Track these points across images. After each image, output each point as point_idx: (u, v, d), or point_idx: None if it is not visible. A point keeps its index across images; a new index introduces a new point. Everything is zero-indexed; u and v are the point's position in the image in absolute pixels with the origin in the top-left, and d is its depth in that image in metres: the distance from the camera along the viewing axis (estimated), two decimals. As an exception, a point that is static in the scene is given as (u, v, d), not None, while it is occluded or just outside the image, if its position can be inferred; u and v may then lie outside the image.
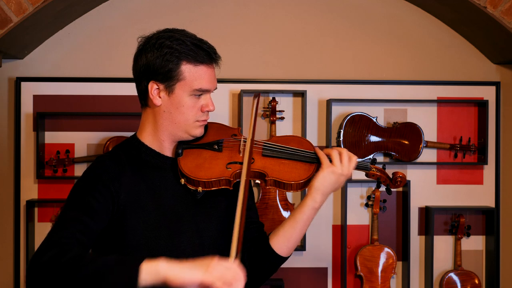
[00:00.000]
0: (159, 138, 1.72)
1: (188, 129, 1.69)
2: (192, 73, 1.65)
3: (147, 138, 1.73)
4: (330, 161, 1.73)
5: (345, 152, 1.74)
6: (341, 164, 1.71)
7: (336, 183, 1.72)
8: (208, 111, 1.70)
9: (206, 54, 1.67)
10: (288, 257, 1.79)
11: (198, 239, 1.68)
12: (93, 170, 1.66)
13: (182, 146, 1.71)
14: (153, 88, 1.67)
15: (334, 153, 1.73)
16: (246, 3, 3.09)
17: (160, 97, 1.67)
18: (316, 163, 1.76)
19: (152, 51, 1.66)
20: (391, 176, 1.87)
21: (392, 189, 1.88)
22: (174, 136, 1.71)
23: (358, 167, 1.81)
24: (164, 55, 1.64)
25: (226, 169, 1.69)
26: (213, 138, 1.76)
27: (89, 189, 1.60)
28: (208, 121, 1.77)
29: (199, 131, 1.71)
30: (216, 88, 1.74)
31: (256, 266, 1.76)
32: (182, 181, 1.67)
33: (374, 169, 1.84)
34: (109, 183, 1.62)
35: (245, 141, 1.75)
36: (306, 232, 1.95)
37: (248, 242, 1.78)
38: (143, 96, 1.72)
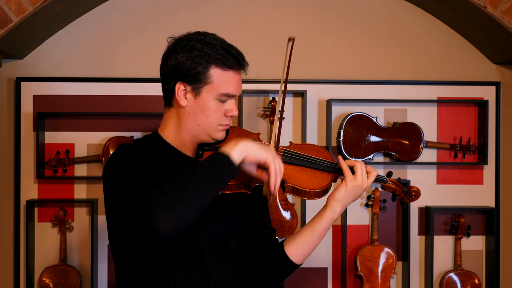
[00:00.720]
0: (181, 138, 1.73)
1: (211, 132, 1.71)
2: (220, 78, 1.67)
3: (170, 137, 1.74)
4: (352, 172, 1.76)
5: (366, 166, 1.77)
6: (363, 177, 1.74)
7: (356, 195, 1.76)
8: (231, 116, 1.72)
9: (235, 60, 1.69)
10: (301, 264, 1.80)
11: (213, 242, 1.70)
12: (123, 154, 1.66)
13: (203, 147, 1.73)
14: (180, 89, 1.68)
15: (358, 165, 1.75)
16: (246, 3, 3.09)
17: (186, 98, 1.69)
18: (334, 173, 1.78)
19: (182, 52, 1.67)
20: (406, 190, 1.88)
21: (406, 202, 1.89)
22: (196, 138, 1.73)
23: (375, 179, 1.83)
24: (194, 57, 1.65)
25: (245, 172, 1.70)
26: None
27: (130, 166, 1.61)
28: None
29: (221, 135, 1.73)
30: (240, 94, 1.75)
31: (269, 271, 1.78)
32: None
33: (390, 182, 1.86)
34: (141, 162, 1.64)
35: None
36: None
37: (261, 247, 1.79)
38: (169, 96, 1.73)
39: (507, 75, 3.13)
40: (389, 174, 1.88)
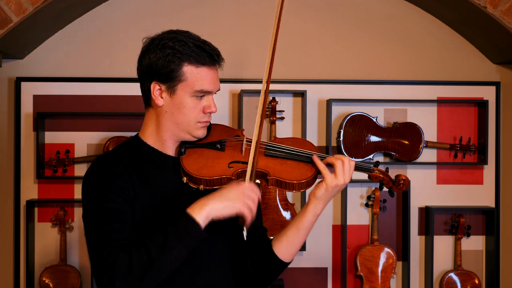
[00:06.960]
0: (161, 138, 1.73)
1: (190, 130, 1.70)
2: (194, 75, 1.67)
3: (150, 138, 1.74)
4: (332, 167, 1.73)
5: (346, 160, 1.72)
6: (344, 175, 1.71)
7: (337, 191, 1.74)
8: (210, 113, 1.72)
9: (208, 56, 1.68)
10: (291, 262, 1.80)
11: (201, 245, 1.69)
12: (95, 175, 1.65)
13: (185, 145, 1.73)
14: (155, 88, 1.69)
15: (338, 164, 1.71)
16: (246, 3, 3.09)
17: (162, 97, 1.69)
18: None
19: (155, 51, 1.68)
20: (394, 179, 1.86)
21: (394, 192, 1.87)
22: (176, 136, 1.73)
23: (361, 168, 1.80)
24: (166, 56, 1.66)
25: (228, 168, 1.70)
26: (216, 139, 1.77)
27: (102, 195, 1.61)
28: (213, 123, 1.79)
29: (201, 132, 1.72)
30: (218, 90, 1.75)
31: (259, 271, 1.78)
32: (184, 179, 1.68)
33: (376, 171, 1.83)
34: (116, 182, 1.63)
35: (248, 142, 1.76)
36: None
37: (252, 248, 1.79)
38: (146, 96, 1.74)
39: (507, 75, 3.13)
40: (376, 164, 1.86)
